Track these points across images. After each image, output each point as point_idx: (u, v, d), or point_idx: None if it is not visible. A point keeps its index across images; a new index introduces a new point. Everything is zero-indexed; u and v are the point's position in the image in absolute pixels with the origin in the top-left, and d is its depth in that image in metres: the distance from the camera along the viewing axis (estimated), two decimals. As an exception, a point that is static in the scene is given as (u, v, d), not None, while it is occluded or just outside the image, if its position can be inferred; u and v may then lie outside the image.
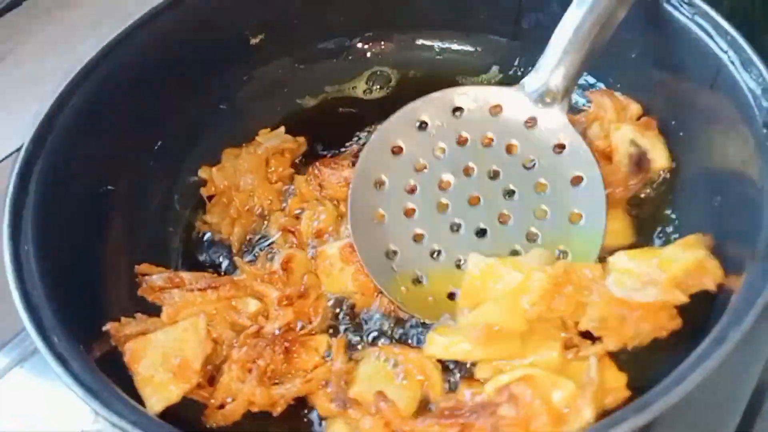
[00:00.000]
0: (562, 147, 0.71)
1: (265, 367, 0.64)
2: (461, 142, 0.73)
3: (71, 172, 0.70)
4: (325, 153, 0.86)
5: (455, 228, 0.71)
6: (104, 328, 0.64)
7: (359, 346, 0.69)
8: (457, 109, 0.74)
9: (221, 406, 0.64)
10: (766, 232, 0.55)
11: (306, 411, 0.66)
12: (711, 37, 0.69)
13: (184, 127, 0.85)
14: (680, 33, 0.71)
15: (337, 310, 0.72)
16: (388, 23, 0.93)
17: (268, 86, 0.92)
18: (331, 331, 0.70)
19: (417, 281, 0.71)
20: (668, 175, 0.77)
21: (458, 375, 0.65)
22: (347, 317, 0.72)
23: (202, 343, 0.64)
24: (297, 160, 0.86)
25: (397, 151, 0.73)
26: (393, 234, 0.71)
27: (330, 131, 0.88)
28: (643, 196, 0.77)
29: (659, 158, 0.77)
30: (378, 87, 0.93)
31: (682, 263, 0.61)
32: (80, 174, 0.71)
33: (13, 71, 0.99)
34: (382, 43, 0.94)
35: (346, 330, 0.71)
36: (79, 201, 0.71)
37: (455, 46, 0.94)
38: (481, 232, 0.71)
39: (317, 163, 0.80)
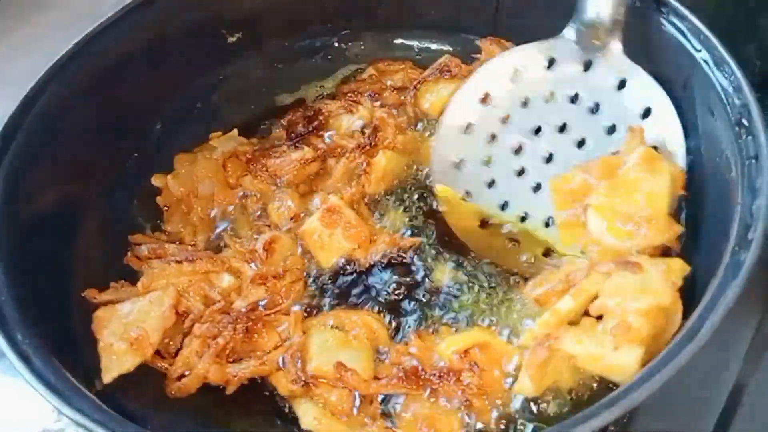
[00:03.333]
0: (623, 83, 0.71)
1: (224, 344, 0.65)
2: (525, 104, 0.75)
3: (39, 171, 0.69)
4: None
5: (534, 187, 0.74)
6: (83, 294, 0.66)
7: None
8: (516, 74, 0.76)
9: (179, 378, 0.64)
10: (737, 229, 0.55)
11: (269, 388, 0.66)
12: (685, 36, 0.69)
13: (157, 126, 0.84)
14: (655, 32, 0.72)
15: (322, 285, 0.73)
16: (366, 22, 0.93)
17: (244, 85, 0.91)
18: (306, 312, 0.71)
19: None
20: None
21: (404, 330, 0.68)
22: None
23: (164, 316, 0.65)
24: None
25: (467, 128, 0.77)
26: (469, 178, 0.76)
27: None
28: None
29: None
30: (354, 85, 0.93)
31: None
32: (47, 174, 0.70)
33: (-13, 70, 0.98)
34: (361, 42, 0.94)
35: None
36: (47, 200, 0.70)
37: (434, 46, 0.94)
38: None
39: (261, 160, 0.81)
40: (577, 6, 0.71)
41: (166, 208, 0.81)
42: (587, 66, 0.72)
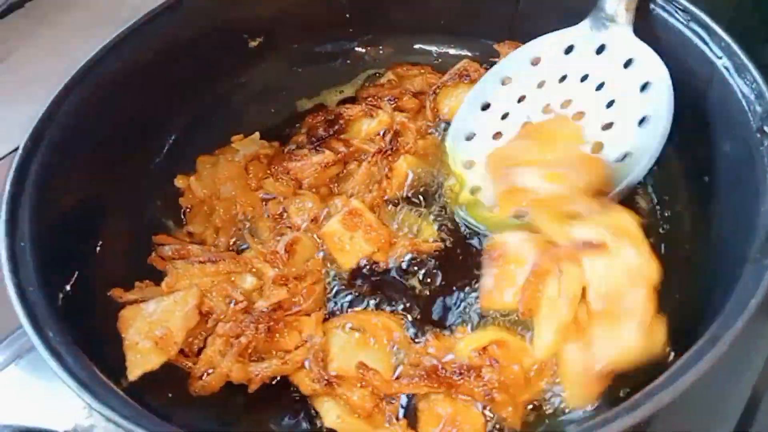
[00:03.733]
0: (630, 61, 0.74)
1: (246, 343, 0.66)
2: (540, 85, 0.79)
3: (66, 171, 0.70)
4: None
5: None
6: (109, 293, 0.67)
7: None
8: (536, 60, 0.80)
9: (203, 376, 0.65)
10: (760, 236, 0.56)
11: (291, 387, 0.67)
12: (706, 42, 0.70)
13: (180, 129, 0.85)
14: (676, 38, 0.72)
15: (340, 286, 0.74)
16: (386, 28, 0.93)
17: (265, 89, 0.92)
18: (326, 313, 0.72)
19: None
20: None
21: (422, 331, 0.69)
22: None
23: (188, 315, 0.66)
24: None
25: (484, 107, 0.81)
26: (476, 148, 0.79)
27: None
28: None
29: None
30: (375, 89, 0.93)
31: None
32: (75, 174, 0.71)
33: (13, 72, 1.00)
34: (380, 47, 0.95)
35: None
36: (75, 200, 0.71)
37: (452, 51, 0.95)
38: None
39: (282, 163, 0.82)
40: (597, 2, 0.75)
41: (188, 209, 0.82)
42: (600, 49, 0.76)
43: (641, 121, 0.72)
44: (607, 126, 0.74)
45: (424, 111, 0.87)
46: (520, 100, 0.80)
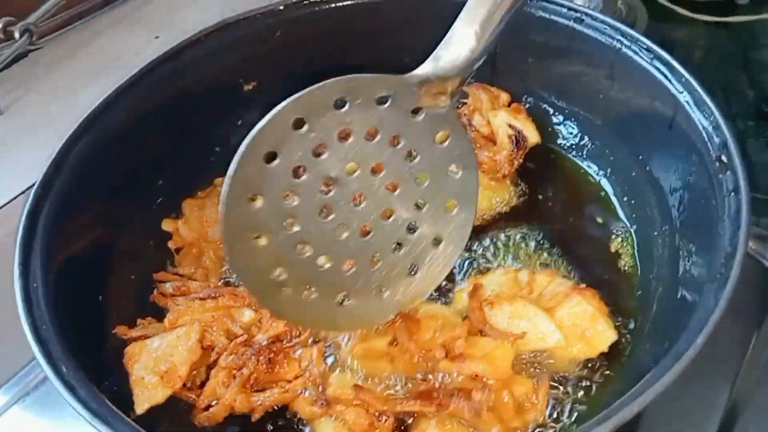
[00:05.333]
0: (445, 138, 0.67)
1: (248, 374, 0.69)
2: (342, 137, 0.63)
3: (74, 216, 0.74)
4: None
5: (340, 233, 0.65)
6: (114, 331, 0.71)
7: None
8: (341, 102, 0.63)
9: (207, 408, 0.69)
10: (719, 257, 0.60)
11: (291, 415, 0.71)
12: (668, 79, 0.75)
13: (180, 171, 0.89)
14: (641, 75, 0.78)
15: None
16: (383, 70, 0.98)
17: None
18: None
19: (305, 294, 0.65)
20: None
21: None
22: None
23: (191, 350, 0.70)
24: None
25: (269, 158, 0.61)
26: (275, 252, 0.62)
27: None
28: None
29: (531, 135, 0.91)
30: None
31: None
32: (82, 218, 0.75)
33: (19, 118, 1.04)
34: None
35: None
36: (83, 243, 0.74)
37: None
38: (366, 233, 0.66)
39: None
40: (437, 49, 0.66)
41: (176, 252, 0.85)
42: (415, 111, 0.65)
43: (448, 207, 0.69)
44: (421, 205, 0.68)
45: None
46: (316, 152, 0.62)
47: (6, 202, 0.93)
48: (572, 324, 0.71)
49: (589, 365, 0.72)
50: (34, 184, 0.91)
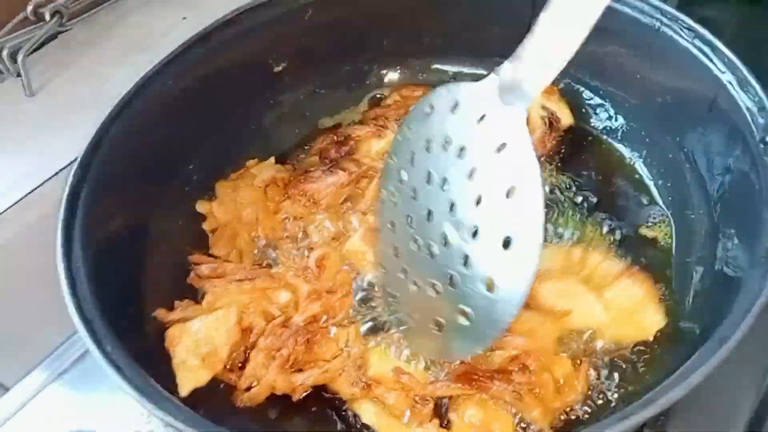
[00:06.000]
0: (503, 146, 0.60)
1: (287, 355, 0.70)
2: (427, 147, 0.66)
3: (112, 197, 0.74)
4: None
5: (417, 248, 0.66)
6: (153, 314, 0.72)
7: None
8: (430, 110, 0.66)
9: (248, 389, 0.70)
10: (764, 242, 0.59)
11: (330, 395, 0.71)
12: (710, 59, 0.74)
13: (213, 151, 0.89)
14: (682, 55, 0.76)
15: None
16: (403, 50, 0.98)
17: (291, 110, 0.97)
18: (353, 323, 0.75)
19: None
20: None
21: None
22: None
23: (230, 332, 0.70)
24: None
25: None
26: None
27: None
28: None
29: (565, 117, 0.90)
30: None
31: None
32: (120, 199, 0.76)
33: (50, 100, 1.04)
34: (398, 67, 1.00)
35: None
36: (121, 224, 0.75)
37: (466, 70, 1.00)
38: (432, 253, 0.65)
39: (298, 185, 0.86)
40: (516, 52, 0.62)
41: (211, 233, 0.86)
42: (484, 119, 0.62)
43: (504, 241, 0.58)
44: (475, 234, 0.61)
45: None
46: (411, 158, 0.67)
47: (39, 184, 0.93)
48: (620, 306, 0.71)
49: (632, 347, 0.71)
50: (67, 166, 0.93)
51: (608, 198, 0.86)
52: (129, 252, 0.76)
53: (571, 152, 0.91)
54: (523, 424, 0.66)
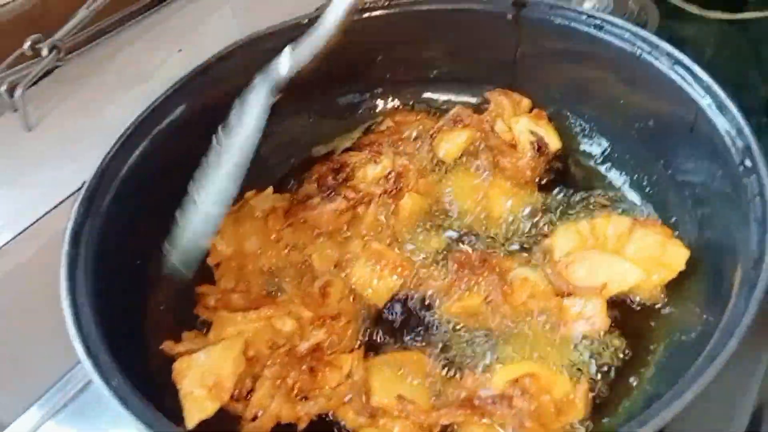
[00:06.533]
0: None
1: (292, 384, 0.71)
2: None
3: (115, 232, 0.76)
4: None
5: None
6: (161, 347, 0.73)
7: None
8: None
9: (254, 419, 0.71)
10: (747, 262, 0.62)
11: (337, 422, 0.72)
12: (689, 83, 0.76)
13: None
14: (661, 82, 0.79)
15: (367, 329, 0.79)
16: (396, 79, 1.01)
17: (287, 139, 0.99)
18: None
19: None
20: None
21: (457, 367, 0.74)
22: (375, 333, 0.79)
23: (236, 362, 0.71)
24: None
25: None
26: None
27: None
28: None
29: (553, 142, 0.92)
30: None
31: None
32: (123, 233, 0.77)
33: (48, 134, 1.05)
34: (390, 97, 1.03)
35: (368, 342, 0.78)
36: (124, 257, 0.77)
37: (454, 98, 1.03)
38: None
39: (298, 213, 0.88)
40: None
41: (215, 267, 0.87)
42: None
43: None
44: None
45: (421, 154, 0.95)
46: None
47: (37, 218, 0.94)
48: (645, 256, 0.74)
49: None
50: (65, 199, 0.94)
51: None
52: (132, 286, 0.77)
53: (560, 176, 0.93)
54: None
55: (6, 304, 0.86)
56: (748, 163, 0.68)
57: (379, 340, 0.78)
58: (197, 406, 0.68)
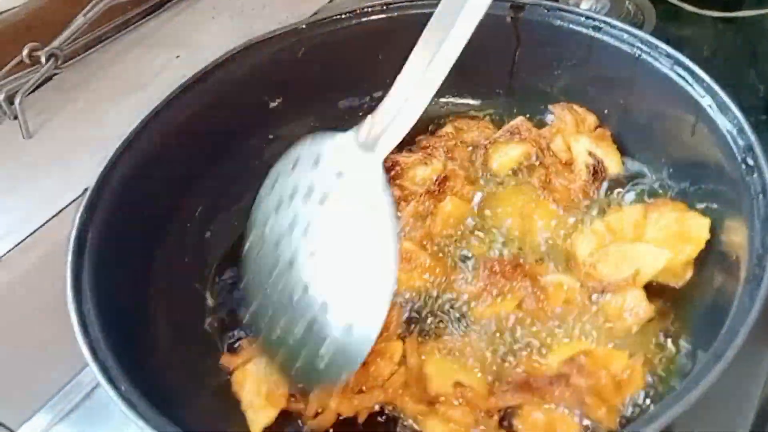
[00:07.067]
0: (360, 201, 0.68)
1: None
2: (291, 195, 0.73)
3: (117, 238, 0.76)
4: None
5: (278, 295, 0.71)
6: (220, 363, 0.75)
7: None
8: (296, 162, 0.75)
9: (316, 415, 0.71)
10: (752, 259, 0.62)
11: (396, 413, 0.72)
12: (689, 84, 0.77)
13: (214, 189, 0.91)
14: (662, 82, 0.80)
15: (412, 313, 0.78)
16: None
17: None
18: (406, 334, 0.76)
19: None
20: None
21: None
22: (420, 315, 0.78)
23: None
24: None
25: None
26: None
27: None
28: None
29: (613, 166, 0.87)
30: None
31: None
32: (125, 240, 0.77)
33: (47, 142, 1.06)
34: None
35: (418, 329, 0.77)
36: (127, 264, 0.77)
37: (455, 100, 1.03)
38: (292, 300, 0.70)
39: None
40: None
41: None
42: (344, 172, 0.71)
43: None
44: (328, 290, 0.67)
45: (474, 163, 0.94)
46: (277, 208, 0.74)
47: (39, 226, 0.95)
48: (667, 235, 0.74)
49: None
50: (66, 206, 0.94)
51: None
52: (137, 292, 0.77)
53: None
54: (588, 425, 0.66)
55: (9, 311, 0.86)
56: (750, 161, 0.68)
57: (427, 329, 0.77)
58: (259, 415, 0.69)
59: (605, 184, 0.87)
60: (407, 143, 0.97)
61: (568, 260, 0.80)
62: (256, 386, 0.71)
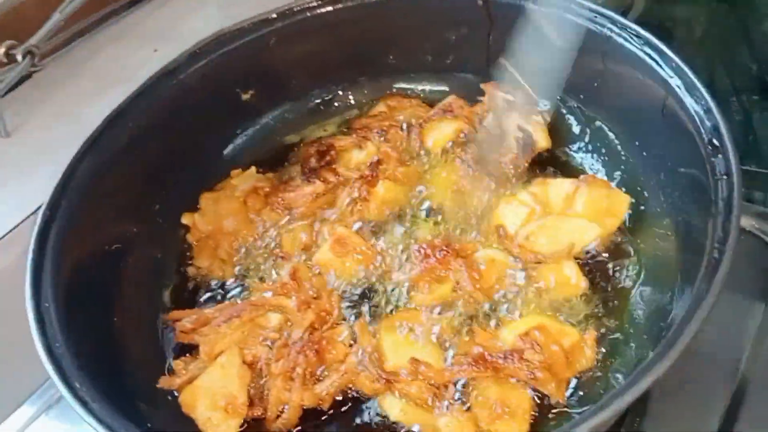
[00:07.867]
0: None
1: (303, 372, 0.70)
2: None
3: (82, 235, 0.76)
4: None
5: None
6: (158, 385, 0.72)
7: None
8: None
9: (278, 416, 0.70)
10: (715, 236, 0.61)
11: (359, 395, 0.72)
12: (659, 64, 0.75)
13: (183, 180, 0.91)
14: (633, 61, 0.78)
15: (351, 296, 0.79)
16: (369, 70, 1.01)
17: (261, 131, 0.99)
18: (351, 318, 0.77)
19: None
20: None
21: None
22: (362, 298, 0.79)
23: (240, 374, 0.71)
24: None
25: None
26: None
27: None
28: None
29: (541, 140, 0.90)
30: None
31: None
32: (90, 236, 0.77)
33: (26, 140, 1.05)
34: (363, 89, 1.02)
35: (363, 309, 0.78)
36: (91, 261, 0.77)
37: (429, 87, 1.02)
38: None
39: (277, 195, 0.88)
40: None
41: (195, 244, 0.87)
42: None
43: None
44: None
45: (409, 142, 0.93)
46: None
47: (16, 224, 0.95)
48: (595, 209, 0.77)
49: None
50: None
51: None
52: (103, 288, 0.77)
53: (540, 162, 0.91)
54: (539, 397, 0.68)
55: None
56: (715, 142, 0.66)
57: (378, 312, 0.78)
58: (221, 429, 0.68)
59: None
60: (341, 124, 0.99)
61: (498, 233, 0.80)
62: (210, 402, 0.69)
